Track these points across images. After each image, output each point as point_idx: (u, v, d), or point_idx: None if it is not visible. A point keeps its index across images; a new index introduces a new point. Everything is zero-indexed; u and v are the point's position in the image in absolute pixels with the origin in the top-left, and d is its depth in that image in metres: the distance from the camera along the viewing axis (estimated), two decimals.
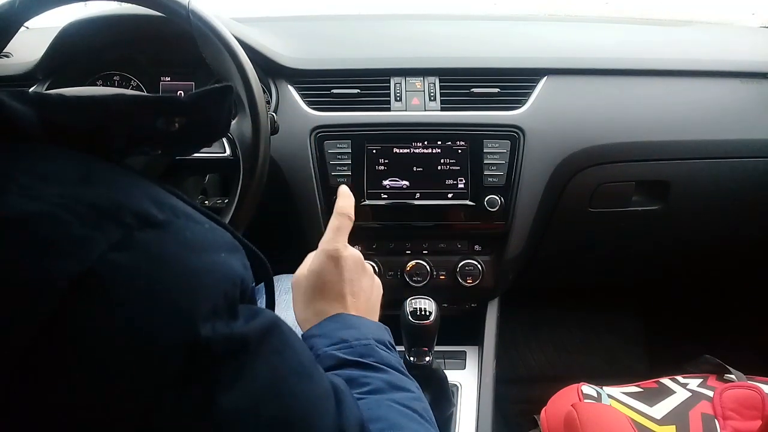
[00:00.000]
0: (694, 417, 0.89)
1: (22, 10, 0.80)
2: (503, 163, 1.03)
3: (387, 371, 0.54)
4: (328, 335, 0.57)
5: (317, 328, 0.59)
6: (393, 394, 0.51)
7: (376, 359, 0.54)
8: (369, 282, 0.66)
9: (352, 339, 0.56)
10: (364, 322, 0.60)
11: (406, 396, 0.52)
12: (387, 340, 0.59)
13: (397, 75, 1.09)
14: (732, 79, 1.15)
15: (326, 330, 0.58)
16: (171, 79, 1.15)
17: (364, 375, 0.52)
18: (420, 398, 0.53)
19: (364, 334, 0.57)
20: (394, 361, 0.57)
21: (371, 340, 0.57)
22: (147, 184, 0.35)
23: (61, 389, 0.27)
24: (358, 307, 0.62)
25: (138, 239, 0.30)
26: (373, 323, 0.61)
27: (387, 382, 0.52)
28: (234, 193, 0.81)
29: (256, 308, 0.36)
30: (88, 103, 0.36)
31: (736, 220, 1.22)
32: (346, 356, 0.54)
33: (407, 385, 0.54)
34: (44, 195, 0.29)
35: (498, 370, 1.08)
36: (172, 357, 0.29)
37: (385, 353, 0.56)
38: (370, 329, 0.59)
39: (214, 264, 0.33)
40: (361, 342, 0.56)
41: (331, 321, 0.59)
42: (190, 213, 0.35)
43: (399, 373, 0.55)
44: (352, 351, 0.55)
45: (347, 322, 0.59)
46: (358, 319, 0.60)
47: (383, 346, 0.57)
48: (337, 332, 0.57)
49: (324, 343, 0.56)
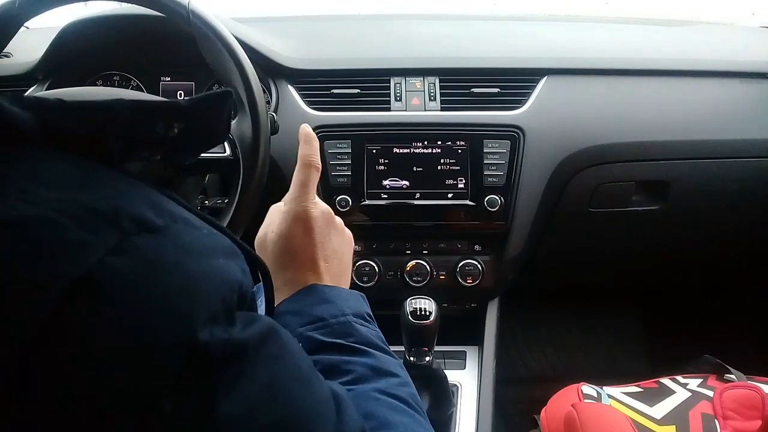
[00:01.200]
0: (694, 417, 0.89)
1: (22, 10, 0.80)
2: (503, 163, 1.03)
3: (369, 353, 0.52)
4: (303, 312, 0.54)
5: (290, 303, 0.55)
6: (378, 381, 0.49)
7: (357, 339, 0.52)
8: (339, 240, 0.61)
9: (329, 317, 0.53)
10: (340, 293, 0.57)
11: (392, 382, 0.50)
12: (365, 312, 0.56)
13: (397, 75, 1.09)
14: (732, 79, 1.15)
15: (300, 306, 0.55)
16: (171, 79, 1.15)
17: (346, 360, 0.50)
18: (406, 382, 0.52)
19: (341, 309, 0.54)
20: (375, 336, 0.54)
21: (349, 315, 0.54)
22: (145, 188, 0.35)
23: (58, 394, 0.27)
24: (331, 271, 0.59)
25: (136, 244, 0.30)
26: (348, 293, 0.58)
27: (371, 367, 0.50)
28: (234, 193, 0.81)
29: (254, 314, 0.36)
30: (87, 108, 0.36)
31: (736, 220, 1.22)
32: (324, 338, 0.51)
33: (391, 367, 0.52)
34: (42, 199, 0.29)
35: (498, 370, 1.08)
36: (170, 362, 0.28)
37: (364, 329, 0.54)
38: (347, 301, 0.56)
39: (212, 269, 0.33)
40: (339, 320, 0.53)
41: (304, 295, 0.56)
42: (188, 218, 0.35)
43: (381, 352, 0.53)
44: (331, 331, 0.52)
45: (322, 296, 0.55)
46: (333, 290, 0.56)
47: (361, 319, 0.55)
48: (313, 309, 0.54)
49: (299, 322, 0.53)
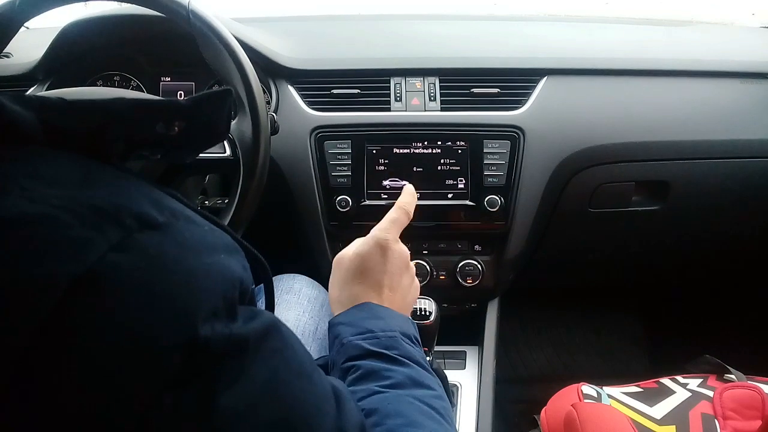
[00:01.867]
0: (694, 417, 0.89)
1: (22, 10, 0.80)
2: (503, 164, 1.03)
3: (410, 365, 0.54)
4: (355, 324, 0.57)
5: (345, 315, 0.59)
6: (414, 390, 0.51)
7: (401, 352, 0.55)
8: (409, 281, 0.66)
9: (378, 330, 0.56)
10: (392, 314, 0.60)
11: (427, 393, 0.52)
12: (412, 334, 0.59)
13: (397, 75, 1.09)
14: (732, 79, 1.15)
15: (353, 318, 0.58)
16: (171, 79, 1.15)
17: (387, 368, 0.52)
18: (441, 396, 0.53)
19: (390, 325, 0.57)
20: (418, 355, 0.56)
21: (397, 332, 0.57)
22: (146, 186, 0.35)
23: (60, 389, 0.27)
24: (392, 301, 0.62)
25: (138, 241, 0.30)
26: (400, 316, 0.61)
27: (409, 377, 0.52)
28: (234, 193, 0.81)
29: (256, 309, 0.36)
30: (88, 107, 0.36)
31: (736, 220, 1.22)
32: (370, 347, 0.54)
33: (429, 382, 0.54)
34: (45, 197, 0.30)
35: (498, 370, 1.08)
36: (172, 357, 0.29)
37: (409, 347, 0.56)
38: (397, 321, 0.59)
39: (213, 265, 0.33)
40: (387, 334, 0.56)
41: (359, 309, 0.59)
42: (189, 215, 0.35)
43: (422, 369, 0.55)
44: (378, 342, 0.55)
45: (375, 313, 0.59)
46: (386, 310, 0.60)
47: (408, 339, 0.57)
48: (364, 322, 0.57)
49: (350, 332, 0.56)
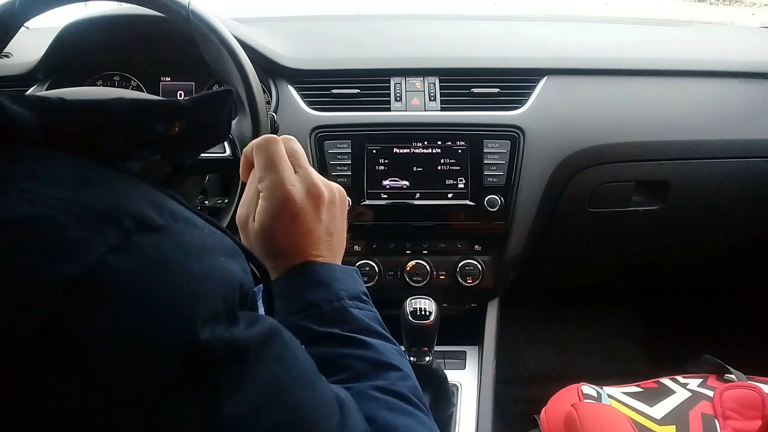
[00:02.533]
0: (694, 417, 0.89)
1: (22, 10, 0.80)
2: (503, 163, 1.03)
3: (367, 344, 0.48)
4: (293, 296, 0.49)
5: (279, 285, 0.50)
6: (378, 378, 0.47)
7: (353, 327, 0.48)
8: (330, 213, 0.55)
9: (322, 302, 0.49)
10: (333, 272, 0.52)
11: (392, 377, 0.47)
12: (360, 291, 0.52)
13: (397, 75, 1.09)
14: (732, 79, 1.15)
15: (290, 289, 0.50)
16: (171, 79, 1.15)
17: (343, 354, 0.47)
18: (406, 375, 0.48)
19: (335, 292, 0.50)
20: (372, 319, 0.50)
21: (344, 299, 0.49)
22: (146, 188, 0.35)
23: (59, 393, 0.26)
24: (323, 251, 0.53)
25: (137, 243, 0.30)
26: (342, 271, 0.53)
27: (369, 360, 0.47)
28: (234, 193, 0.81)
29: (257, 314, 0.36)
30: (87, 107, 0.36)
31: (736, 220, 1.22)
32: (318, 327, 0.48)
33: (391, 357, 0.49)
34: (44, 198, 0.29)
35: (498, 370, 1.08)
36: (172, 361, 0.28)
37: (360, 314, 0.50)
38: (341, 282, 0.51)
39: (213, 268, 0.33)
40: (333, 305, 0.49)
41: (295, 276, 0.51)
42: (189, 217, 0.34)
43: (379, 339, 0.50)
44: (325, 320, 0.48)
45: (315, 277, 0.51)
46: (326, 269, 0.51)
47: (357, 301, 0.51)
48: (304, 293, 0.50)
49: (289, 309, 0.49)
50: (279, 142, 0.54)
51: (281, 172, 0.52)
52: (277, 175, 0.52)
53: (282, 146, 0.54)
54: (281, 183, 0.52)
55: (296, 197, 0.52)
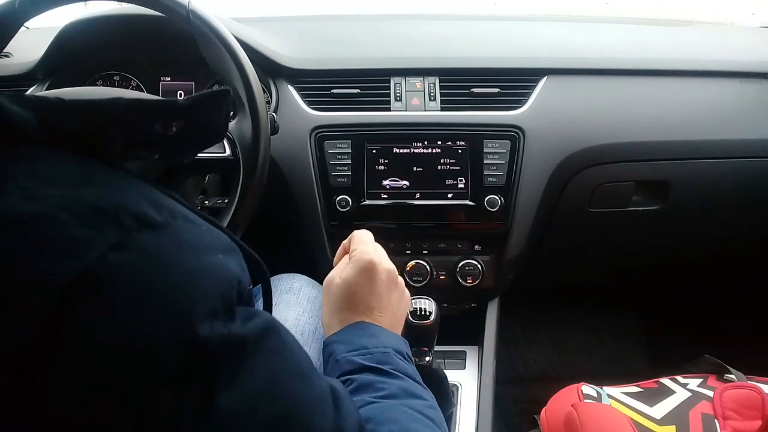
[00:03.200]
0: (694, 417, 0.89)
1: (22, 10, 0.80)
2: (503, 163, 1.03)
3: (403, 378, 0.55)
4: (349, 341, 0.59)
5: (339, 334, 0.61)
6: (408, 400, 0.52)
7: (393, 367, 0.56)
8: (398, 297, 0.66)
9: (371, 346, 0.57)
10: (385, 332, 0.61)
11: (421, 403, 0.53)
12: (405, 352, 0.60)
13: (397, 75, 1.09)
14: (732, 79, 1.15)
15: (347, 336, 0.60)
16: (171, 79, 1.16)
17: (381, 380, 0.54)
18: (434, 407, 0.55)
19: (383, 342, 0.59)
20: (411, 371, 0.58)
21: (390, 348, 0.58)
22: (145, 186, 0.35)
23: (59, 388, 0.27)
24: (383, 320, 0.63)
25: (136, 240, 0.30)
26: (393, 334, 0.62)
27: (402, 388, 0.54)
28: (234, 193, 0.81)
29: (254, 310, 0.36)
30: (86, 107, 0.36)
31: (736, 220, 1.22)
32: (364, 362, 0.55)
33: (422, 393, 0.55)
34: (43, 196, 0.30)
35: (498, 370, 1.08)
36: (170, 357, 0.29)
37: (402, 362, 0.58)
38: (390, 339, 0.60)
39: (211, 265, 0.33)
40: (380, 350, 0.57)
41: (353, 328, 0.61)
42: (187, 215, 0.35)
43: (415, 382, 0.56)
44: (371, 357, 0.56)
45: (368, 331, 0.60)
46: (380, 329, 0.61)
47: (401, 356, 0.59)
48: (358, 339, 0.59)
49: (344, 349, 0.58)
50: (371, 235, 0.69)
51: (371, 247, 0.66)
52: (368, 248, 0.66)
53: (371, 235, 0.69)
54: (369, 253, 0.64)
55: (378, 266, 0.64)
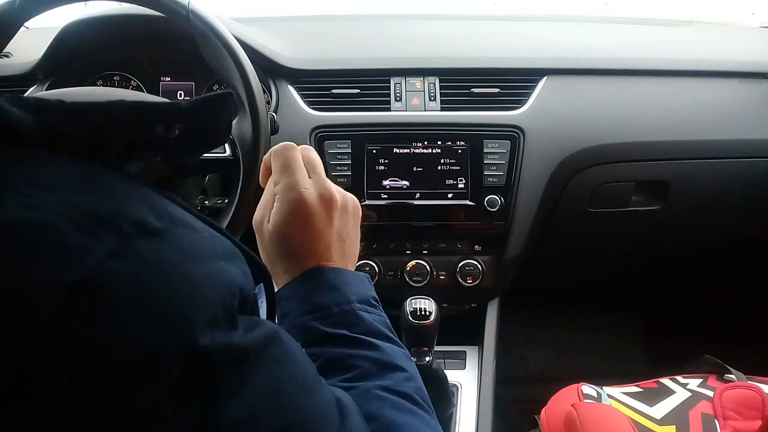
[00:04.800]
0: (694, 417, 0.89)
1: (22, 10, 0.80)
2: (503, 163, 1.03)
3: (374, 345, 0.49)
4: (304, 299, 0.51)
5: (291, 288, 0.53)
6: (383, 378, 0.47)
7: (362, 329, 0.50)
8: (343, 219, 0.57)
9: (332, 304, 0.50)
10: (344, 277, 0.53)
11: (398, 378, 0.48)
12: (370, 296, 0.53)
13: (397, 75, 1.09)
14: (732, 79, 1.15)
15: (302, 291, 0.52)
16: (171, 79, 1.15)
17: (350, 354, 0.48)
18: (412, 376, 0.49)
19: (345, 296, 0.51)
20: (380, 323, 0.52)
21: (354, 302, 0.51)
22: (145, 191, 0.35)
23: (57, 399, 0.26)
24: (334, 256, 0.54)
25: (135, 248, 0.30)
26: (353, 277, 0.54)
27: (376, 361, 0.48)
28: (234, 193, 0.81)
29: (257, 319, 0.36)
30: (87, 110, 0.36)
31: (736, 220, 1.22)
32: (327, 328, 0.49)
33: (397, 359, 0.49)
34: (42, 202, 0.29)
35: (498, 370, 1.08)
36: (171, 366, 0.28)
37: (369, 317, 0.51)
38: (351, 286, 0.52)
39: (212, 273, 0.32)
40: (343, 308, 0.50)
41: (307, 279, 0.52)
42: (188, 221, 0.34)
43: (387, 342, 0.50)
44: (334, 321, 0.49)
45: (326, 281, 0.52)
46: (337, 274, 0.53)
47: (366, 305, 0.52)
48: (315, 296, 0.51)
49: (300, 310, 0.50)
50: (296, 149, 0.56)
51: (296, 176, 0.54)
52: (291, 178, 0.54)
53: (299, 153, 0.56)
54: (295, 185, 0.53)
55: (309, 199, 0.53)
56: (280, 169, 0.55)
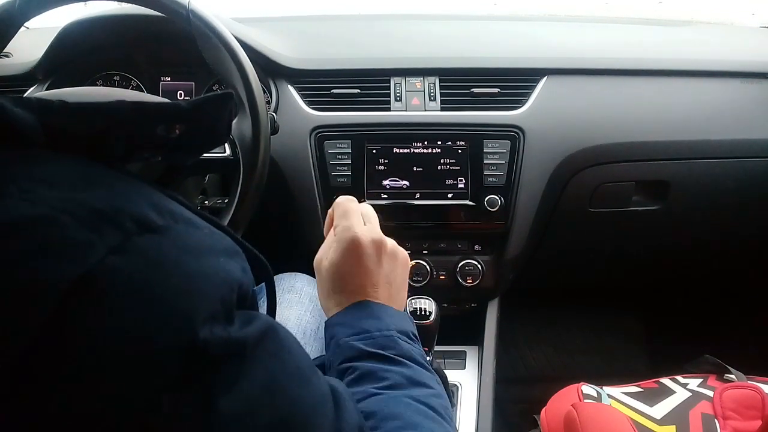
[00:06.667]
0: (694, 417, 0.89)
1: (22, 10, 0.80)
2: (503, 163, 1.03)
3: (407, 365, 0.53)
4: (350, 324, 0.56)
5: (340, 315, 0.58)
6: (412, 390, 0.51)
7: (397, 352, 0.54)
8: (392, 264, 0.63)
9: (374, 329, 0.55)
10: (388, 311, 0.59)
11: (425, 392, 0.51)
12: (410, 331, 0.58)
13: (397, 75, 1.09)
14: (732, 79, 1.15)
15: (348, 318, 0.57)
16: (171, 79, 1.15)
17: (384, 368, 0.52)
18: (439, 395, 0.53)
19: (386, 324, 0.56)
20: (416, 353, 0.56)
21: (393, 331, 0.56)
22: (147, 188, 0.35)
23: (59, 392, 0.27)
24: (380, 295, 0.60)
25: (137, 244, 0.30)
26: (396, 313, 0.59)
27: (406, 377, 0.52)
28: (234, 193, 0.81)
29: (253, 313, 0.36)
30: (89, 110, 0.36)
31: (736, 220, 1.22)
32: (366, 348, 0.53)
33: (427, 380, 0.53)
34: (45, 199, 0.30)
35: (498, 370, 1.08)
36: (170, 360, 0.29)
37: (406, 345, 0.56)
38: (393, 319, 0.58)
39: (212, 269, 0.33)
40: (383, 333, 0.55)
41: (353, 309, 0.58)
42: (189, 218, 0.35)
43: (420, 367, 0.54)
44: (374, 342, 0.54)
45: (370, 312, 0.58)
46: (382, 308, 0.58)
47: (405, 337, 0.57)
48: (360, 322, 0.56)
49: (345, 333, 0.56)
50: (355, 201, 0.65)
51: (353, 220, 0.61)
52: (349, 222, 0.61)
53: (357, 204, 0.64)
54: (351, 228, 0.60)
55: (362, 240, 0.60)
56: (340, 216, 0.62)
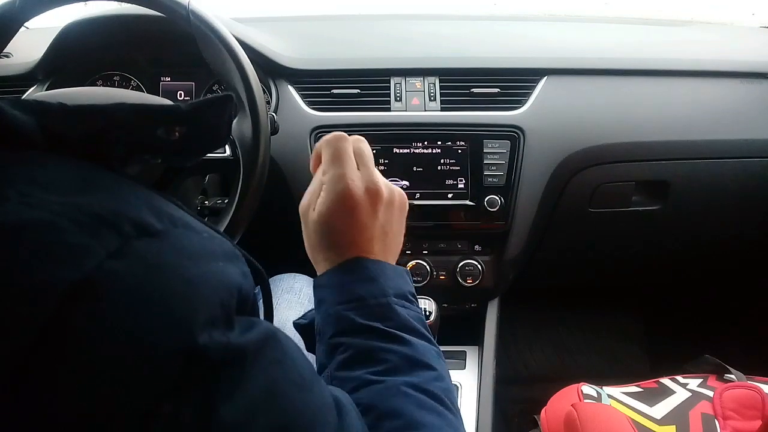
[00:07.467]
0: (694, 417, 0.89)
1: (22, 10, 0.80)
2: (503, 163, 1.03)
3: (406, 341, 0.49)
4: (342, 287, 0.51)
5: (329, 276, 0.53)
6: (412, 375, 0.47)
7: (395, 324, 0.49)
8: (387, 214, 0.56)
9: (368, 296, 0.50)
10: (384, 270, 0.53)
11: (426, 376, 0.48)
12: (407, 291, 0.53)
13: (397, 75, 1.09)
14: (732, 80, 1.15)
15: (338, 279, 0.52)
16: (171, 79, 1.15)
17: (381, 347, 0.48)
18: (440, 376, 0.49)
19: (382, 289, 0.51)
20: (415, 318, 0.51)
21: (390, 296, 0.51)
22: (146, 192, 0.35)
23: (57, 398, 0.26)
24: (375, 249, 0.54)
25: (136, 248, 0.30)
26: (392, 270, 0.54)
27: (406, 357, 0.48)
28: (234, 193, 0.81)
29: (254, 319, 0.36)
30: (88, 112, 0.36)
31: (736, 220, 1.22)
32: (360, 320, 0.49)
33: (428, 357, 0.49)
34: (43, 203, 0.29)
35: (498, 370, 1.08)
36: (169, 366, 0.28)
37: (404, 312, 0.51)
38: (390, 280, 0.52)
39: (211, 273, 0.33)
40: (379, 301, 0.50)
41: (346, 269, 0.52)
42: (188, 222, 0.35)
43: (419, 339, 0.50)
44: (369, 313, 0.49)
45: (364, 273, 0.52)
46: (377, 266, 0.53)
47: (403, 300, 0.52)
48: (353, 286, 0.51)
49: (336, 299, 0.51)
50: (347, 139, 0.56)
51: (344, 167, 0.54)
52: (340, 169, 0.54)
53: (350, 144, 0.56)
54: (342, 176, 0.53)
55: (355, 191, 0.53)
56: (330, 160, 0.55)
